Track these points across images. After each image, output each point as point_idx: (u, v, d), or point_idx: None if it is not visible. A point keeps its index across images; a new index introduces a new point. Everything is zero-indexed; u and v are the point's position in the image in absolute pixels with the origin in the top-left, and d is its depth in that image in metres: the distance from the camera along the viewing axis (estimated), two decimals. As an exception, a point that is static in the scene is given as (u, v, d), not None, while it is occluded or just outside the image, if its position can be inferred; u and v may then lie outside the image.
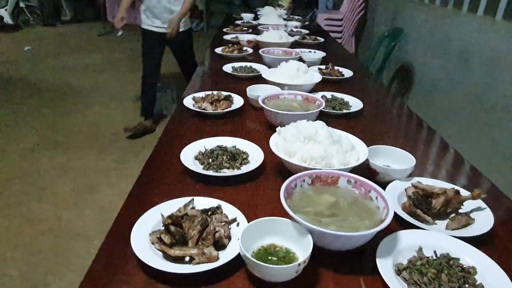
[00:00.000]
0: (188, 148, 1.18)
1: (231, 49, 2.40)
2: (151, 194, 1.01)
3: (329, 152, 1.01)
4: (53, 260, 2.12)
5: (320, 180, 0.94)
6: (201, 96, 1.59)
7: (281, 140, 1.10)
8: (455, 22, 2.99)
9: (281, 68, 1.73)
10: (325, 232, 0.73)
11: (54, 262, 2.11)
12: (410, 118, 1.67)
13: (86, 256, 2.17)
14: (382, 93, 2.02)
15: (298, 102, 1.48)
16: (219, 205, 0.89)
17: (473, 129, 2.59)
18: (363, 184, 0.91)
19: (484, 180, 1.17)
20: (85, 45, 6.92)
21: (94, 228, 2.37)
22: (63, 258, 2.14)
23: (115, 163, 3.10)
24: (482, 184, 1.15)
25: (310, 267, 0.75)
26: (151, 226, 0.84)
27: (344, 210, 0.86)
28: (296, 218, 0.76)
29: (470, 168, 1.24)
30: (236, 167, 1.11)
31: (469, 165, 1.25)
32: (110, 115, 4.00)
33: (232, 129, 1.42)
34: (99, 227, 2.38)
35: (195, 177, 1.08)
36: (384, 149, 1.13)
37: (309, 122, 1.08)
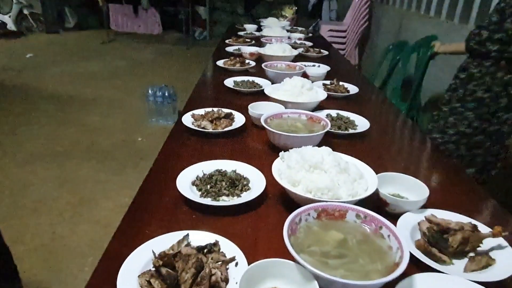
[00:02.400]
0: (185, 172, 1.10)
1: (233, 62, 2.34)
2: (144, 224, 0.93)
3: (336, 182, 0.94)
4: (45, 278, 2.04)
5: (327, 213, 0.86)
6: (201, 114, 1.52)
7: (284, 166, 1.03)
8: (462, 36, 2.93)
9: (285, 84, 1.66)
10: (334, 280, 0.66)
11: (46, 280, 2.03)
12: (420, 140, 1.60)
13: (79, 274, 2.09)
14: (389, 111, 1.95)
15: (302, 122, 1.41)
16: (216, 241, 0.82)
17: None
18: (373, 220, 0.84)
19: (504, 214, 1.09)
20: (87, 53, 6.89)
21: (89, 244, 2.30)
22: (55, 276, 2.06)
23: (113, 175, 3.03)
24: (501, 218, 1.07)
25: (315, 318, 0.67)
26: (141, 265, 0.76)
27: (354, 250, 0.79)
28: (301, 262, 0.69)
29: (488, 200, 1.16)
30: (236, 194, 1.04)
31: (487, 196, 1.18)
32: (109, 125, 3.94)
33: (232, 150, 1.35)
34: (94, 243, 2.30)
35: (191, 206, 1.00)
36: (395, 177, 1.05)
37: (315, 149, 1.01)
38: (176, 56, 7.07)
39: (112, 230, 0.91)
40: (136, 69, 5.98)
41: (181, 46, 7.77)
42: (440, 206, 1.02)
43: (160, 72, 5.91)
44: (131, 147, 3.55)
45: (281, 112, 1.44)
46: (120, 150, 3.46)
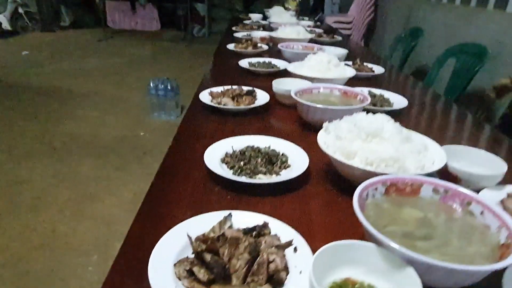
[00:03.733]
0: (211, 149, 0.94)
1: (245, 45, 2.18)
2: (170, 206, 0.77)
3: (401, 152, 0.78)
4: (46, 279, 1.87)
5: (397, 188, 0.70)
6: (220, 90, 1.36)
7: (331, 138, 0.87)
8: (480, 20, 2.80)
9: (309, 60, 1.51)
10: (442, 266, 0.50)
11: (47, 281, 1.86)
12: (464, 117, 1.45)
13: (84, 274, 1.92)
14: (423, 90, 1.79)
15: (336, 97, 1.25)
16: (265, 222, 0.66)
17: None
18: (458, 195, 0.68)
19: None
20: (84, 50, 6.71)
21: (93, 242, 2.12)
22: (57, 276, 1.89)
23: (116, 171, 2.86)
24: None
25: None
26: (175, 252, 0.60)
27: (441, 231, 0.63)
28: (391, 244, 0.53)
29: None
30: (274, 172, 0.88)
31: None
32: (109, 121, 3.77)
33: (259, 129, 1.19)
34: (98, 241, 2.13)
35: (224, 185, 0.84)
36: (461, 150, 0.90)
37: (370, 115, 0.85)
38: (176, 53, 6.90)
39: (117, 227, 0.75)
40: (135, 66, 5.80)
41: (180, 43, 7.60)
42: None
43: (160, 68, 5.74)
44: (134, 142, 3.38)
45: (311, 87, 1.28)
46: (122, 145, 3.29)
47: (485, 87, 2.68)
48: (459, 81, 2.45)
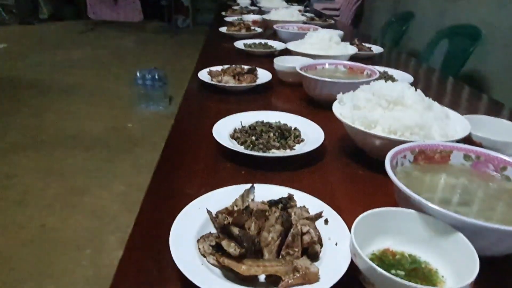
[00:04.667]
0: (220, 124, 0.88)
1: (238, 28, 2.11)
2: (181, 183, 0.71)
3: (426, 119, 0.73)
4: (37, 276, 1.78)
5: (425, 156, 0.66)
6: (220, 69, 1.30)
7: (348, 109, 0.82)
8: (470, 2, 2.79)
9: (310, 38, 1.45)
10: (494, 228, 0.46)
11: (38, 278, 1.78)
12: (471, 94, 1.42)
13: (77, 269, 1.84)
14: (425, 68, 1.76)
15: (342, 73, 1.21)
16: (291, 194, 0.60)
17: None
18: (491, 160, 0.64)
19: None
20: (66, 42, 6.50)
21: (85, 236, 2.04)
22: (48, 273, 1.80)
23: (105, 163, 2.76)
24: None
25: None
26: (195, 229, 0.54)
27: (480, 197, 0.59)
28: (437, 209, 0.49)
29: None
30: (288, 147, 0.83)
31: None
32: (96, 113, 3.65)
33: (264, 107, 1.13)
34: (91, 234, 2.04)
35: (236, 161, 0.79)
36: (482, 120, 0.86)
37: (389, 83, 0.81)
38: (160, 44, 6.76)
39: (109, 220, 0.69)
40: (120, 57, 5.65)
41: (164, 34, 7.43)
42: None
43: (145, 59, 5.60)
44: (122, 134, 3.28)
45: (316, 63, 1.23)
46: (110, 138, 3.19)
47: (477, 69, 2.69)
48: (452, 62, 2.43)
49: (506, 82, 2.42)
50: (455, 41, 2.50)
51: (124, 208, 2.23)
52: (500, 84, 2.49)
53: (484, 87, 2.61)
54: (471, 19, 2.68)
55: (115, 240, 2.01)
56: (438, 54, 2.59)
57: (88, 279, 1.78)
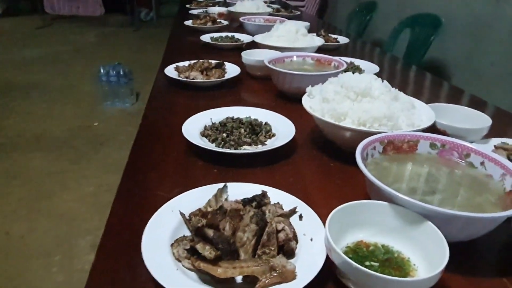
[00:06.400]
0: (188, 122, 0.87)
1: (203, 21, 2.07)
2: (153, 185, 0.70)
3: (393, 110, 0.75)
4: (3, 286, 1.71)
5: (394, 146, 0.67)
6: (187, 65, 1.27)
7: (317, 101, 0.82)
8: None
9: (277, 30, 1.45)
10: (460, 215, 0.47)
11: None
12: (434, 81, 1.46)
13: (47, 276, 1.78)
14: (389, 57, 1.80)
15: (310, 65, 1.21)
16: (264, 191, 0.60)
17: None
18: (456, 147, 0.66)
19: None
20: (22, 39, 6.18)
21: (54, 241, 1.97)
22: (16, 283, 1.73)
23: (71, 164, 2.66)
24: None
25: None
26: (168, 233, 0.53)
27: (446, 184, 0.61)
28: (407, 199, 0.50)
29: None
30: (260, 142, 0.82)
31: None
32: (58, 113, 3.50)
33: (233, 102, 1.12)
34: (60, 239, 1.97)
35: (208, 159, 0.78)
36: (445, 108, 0.89)
37: (356, 75, 0.82)
38: (123, 39, 6.55)
39: (79, 223, 0.66)
40: (81, 53, 5.44)
41: (127, 28, 7.21)
42: (498, 136, 0.87)
43: (108, 54, 5.41)
44: (88, 133, 3.17)
45: (283, 56, 1.23)
46: (75, 138, 3.07)
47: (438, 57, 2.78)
48: (415, 51, 2.50)
49: (466, 69, 2.51)
50: (417, 30, 2.57)
51: (93, 210, 2.16)
52: (460, 71, 2.59)
53: (446, 74, 2.70)
54: (431, 8, 2.75)
55: (85, 244, 1.95)
56: (402, 44, 2.65)
57: (59, 286, 1.72)
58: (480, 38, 2.38)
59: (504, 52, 2.19)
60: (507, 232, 0.54)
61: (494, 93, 2.17)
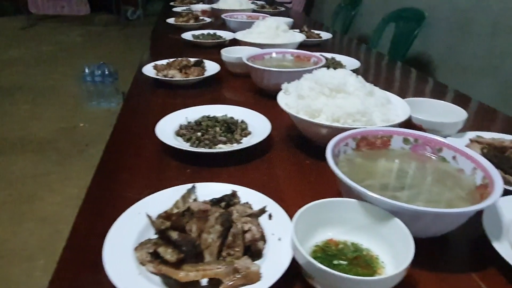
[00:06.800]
0: (163, 122, 0.85)
1: (186, 18, 2.05)
2: (123, 186, 0.68)
3: (367, 105, 0.74)
4: (-14, 292, 1.68)
5: (367, 142, 0.67)
6: (165, 63, 1.25)
7: (292, 99, 0.81)
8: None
9: (258, 27, 1.44)
10: (427, 211, 0.47)
11: (-12, 294, 1.67)
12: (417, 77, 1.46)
13: (30, 281, 1.75)
14: (373, 53, 1.80)
15: (289, 61, 1.20)
16: (234, 191, 0.59)
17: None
18: (428, 142, 0.65)
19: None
20: (6, 40, 6.07)
21: (38, 245, 1.94)
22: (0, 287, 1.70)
23: (56, 166, 2.63)
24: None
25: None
26: (133, 237, 0.52)
27: (418, 179, 0.60)
28: (374, 196, 0.49)
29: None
30: (235, 141, 0.81)
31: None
32: (43, 114, 3.45)
33: (212, 100, 1.11)
34: (44, 243, 1.94)
35: (182, 159, 0.76)
36: (422, 102, 0.89)
37: (331, 70, 0.81)
38: (110, 38, 6.47)
39: (63, 226, 0.65)
40: (66, 53, 5.36)
41: (113, 27, 7.13)
42: (473, 129, 0.87)
43: (94, 54, 5.35)
44: (73, 134, 3.13)
45: (263, 52, 1.22)
46: (60, 139, 3.03)
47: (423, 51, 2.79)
48: (399, 46, 2.51)
49: (450, 63, 2.53)
50: (401, 25, 2.58)
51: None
52: (444, 65, 2.60)
53: (431, 68, 2.71)
54: (415, 2, 2.76)
55: (70, 246, 1.92)
56: (387, 38, 2.66)
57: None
58: (464, 31, 2.39)
59: (487, 45, 2.21)
60: (480, 227, 0.54)
61: (477, 86, 2.19)
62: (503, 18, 2.07)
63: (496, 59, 2.12)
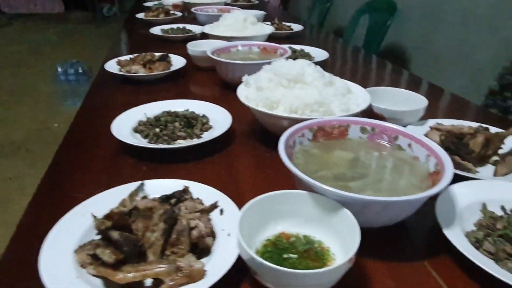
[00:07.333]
0: (121, 118, 0.83)
1: (156, 13, 2.01)
2: (73, 186, 0.66)
3: (326, 95, 0.73)
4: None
5: (324, 133, 0.66)
6: (129, 58, 1.22)
7: (252, 91, 0.80)
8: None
9: (225, 19, 1.41)
10: (374, 200, 0.46)
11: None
12: (384, 66, 1.46)
13: (2, 287, 1.70)
14: (342, 45, 1.80)
15: (255, 54, 1.18)
16: (186, 187, 0.57)
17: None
18: (385, 131, 0.65)
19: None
20: (-25, 40, 5.88)
21: (9, 250, 1.88)
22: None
23: (29, 169, 2.56)
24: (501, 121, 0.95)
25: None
26: (77, 237, 0.49)
27: (372, 168, 0.60)
28: (322, 187, 0.48)
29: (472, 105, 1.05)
30: (195, 135, 0.79)
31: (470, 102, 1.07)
32: (15, 115, 3.35)
33: (177, 95, 1.08)
34: (16, 248, 1.89)
35: (138, 156, 0.74)
36: (384, 92, 0.88)
37: (289, 61, 0.79)
38: (85, 36, 6.33)
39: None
40: (39, 53, 5.21)
41: (89, 25, 6.97)
42: (435, 117, 0.87)
43: (69, 53, 5.21)
44: (47, 135, 3.05)
45: (228, 45, 1.19)
46: (34, 141, 2.95)
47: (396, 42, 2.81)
48: (374, 37, 2.51)
49: (424, 53, 2.55)
50: (374, 16, 2.58)
51: (52, 214, 2.08)
52: (418, 55, 2.62)
53: (405, 58, 2.73)
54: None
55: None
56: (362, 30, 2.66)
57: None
58: (436, 21, 2.41)
59: (458, 35, 2.23)
60: (433, 215, 0.53)
61: (450, 75, 2.21)
62: (472, 7, 2.09)
63: (467, 47, 2.14)
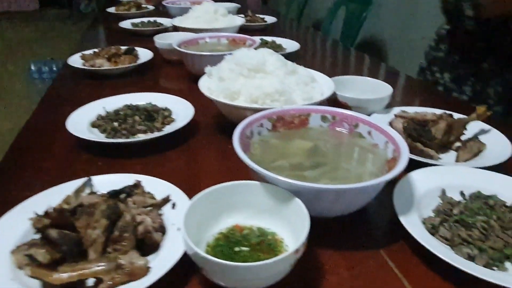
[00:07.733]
0: (78, 113, 0.79)
1: (127, 7, 1.96)
2: (23, 184, 0.63)
3: (287, 84, 0.71)
4: None
5: (284, 122, 0.64)
6: (93, 52, 1.18)
7: (214, 82, 0.77)
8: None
9: (195, 11, 1.38)
10: (326, 188, 0.44)
11: None
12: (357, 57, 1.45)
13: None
14: (314, 35, 1.79)
15: (224, 46, 1.16)
16: (137, 181, 0.55)
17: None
18: (345, 119, 0.64)
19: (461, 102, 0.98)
20: None
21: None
22: None
23: (1, 170, 2.47)
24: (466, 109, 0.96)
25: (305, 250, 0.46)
26: (17, 237, 0.47)
27: (331, 157, 0.58)
28: (273, 176, 0.46)
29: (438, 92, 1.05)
30: (156, 129, 0.77)
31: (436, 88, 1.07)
32: (-12, 115, 3.25)
33: (143, 89, 1.03)
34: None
35: (94, 152, 0.71)
36: (350, 80, 0.87)
37: (252, 50, 0.77)
38: (63, 33, 6.18)
39: None
40: (14, 52, 5.06)
41: (65, 22, 6.81)
42: (403, 105, 0.87)
43: (46, 51, 5.07)
44: (21, 135, 2.96)
45: (196, 37, 1.17)
46: (7, 142, 2.86)
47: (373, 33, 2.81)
48: (350, 29, 2.51)
49: (401, 44, 2.56)
50: (350, 7, 2.58)
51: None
52: (396, 46, 2.63)
53: (383, 50, 2.74)
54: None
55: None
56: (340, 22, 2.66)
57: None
58: (412, 12, 2.42)
59: (432, 25, 2.24)
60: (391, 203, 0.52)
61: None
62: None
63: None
